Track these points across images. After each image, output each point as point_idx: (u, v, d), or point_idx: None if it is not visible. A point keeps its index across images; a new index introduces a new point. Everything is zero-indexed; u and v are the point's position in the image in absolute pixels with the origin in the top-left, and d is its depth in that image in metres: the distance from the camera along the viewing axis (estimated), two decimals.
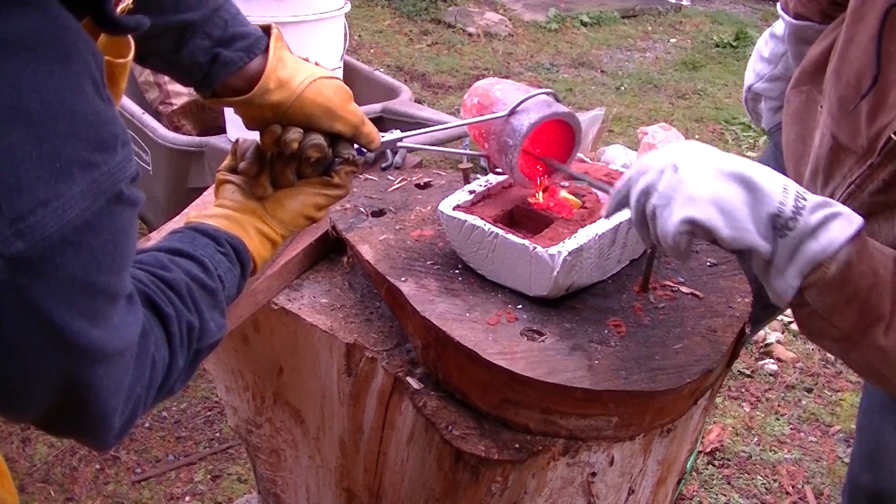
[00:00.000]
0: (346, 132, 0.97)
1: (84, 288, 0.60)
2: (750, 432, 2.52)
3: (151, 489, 2.17)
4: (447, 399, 1.03)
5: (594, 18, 6.46)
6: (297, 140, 0.93)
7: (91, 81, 0.60)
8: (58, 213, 0.56)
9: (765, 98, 1.77)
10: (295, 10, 1.96)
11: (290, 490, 1.43)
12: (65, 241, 0.57)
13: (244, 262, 0.93)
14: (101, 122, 0.60)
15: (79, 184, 0.57)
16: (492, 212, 1.13)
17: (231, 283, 0.90)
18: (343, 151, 0.98)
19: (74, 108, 0.58)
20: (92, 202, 0.58)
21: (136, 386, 0.73)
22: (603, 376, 0.95)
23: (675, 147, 0.88)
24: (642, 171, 0.88)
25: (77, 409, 0.67)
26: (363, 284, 1.22)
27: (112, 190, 0.61)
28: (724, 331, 1.05)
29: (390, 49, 5.57)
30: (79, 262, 0.59)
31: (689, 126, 4.65)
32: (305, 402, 1.24)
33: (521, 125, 1.08)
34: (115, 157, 0.61)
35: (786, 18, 1.53)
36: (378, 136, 1.02)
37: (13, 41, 0.55)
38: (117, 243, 0.63)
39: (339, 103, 0.96)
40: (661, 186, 0.84)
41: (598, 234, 1.06)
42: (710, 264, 1.19)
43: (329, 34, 2.09)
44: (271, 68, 0.91)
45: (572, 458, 1.00)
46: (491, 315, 1.03)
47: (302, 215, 0.99)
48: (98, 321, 0.63)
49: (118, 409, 0.71)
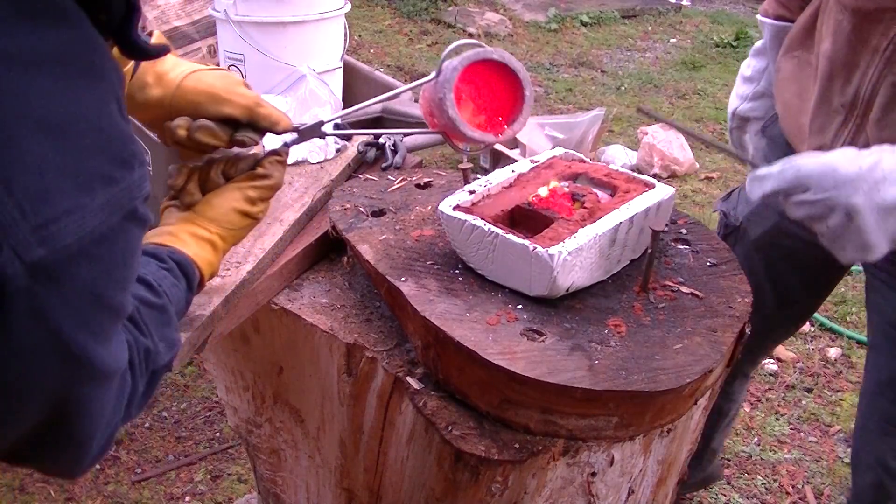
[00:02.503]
0: (240, 115, 0.98)
1: (93, 301, 0.61)
2: (750, 432, 2.52)
3: (151, 489, 2.17)
4: (447, 399, 1.03)
5: (594, 18, 6.45)
6: (183, 126, 0.95)
7: (115, 101, 0.62)
8: (78, 224, 0.57)
9: (751, 121, 1.67)
10: (295, 10, 1.96)
11: (290, 490, 1.43)
12: (82, 252, 0.58)
13: (189, 274, 0.92)
14: (122, 140, 0.62)
15: (99, 197, 0.59)
16: (492, 212, 1.13)
17: (178, 299, 0.89)
18: (243, 136, 0.99)
19: (100, 125, 0.60)
20: (109, 216, 0.60)
21: (115, 415, 0.73)
22: (603, 376, 0.95)
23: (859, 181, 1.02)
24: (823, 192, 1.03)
25: (63, 429, 0.67)
26: (363, 284, 1.22)
27: (128, 206, 0.62)
28: (724, 331, 1.05)
29: (390, 49, 5.57)
30: (92, 275, 0.60)
31: (689, 126, 4.65)
32: (305, 402, 1.24)
33: (447, 73, 1.05)
34: (133, 175, 0.63)
35: (767, 22, 1.55)
36: (282, 116, 1.01)
37: (47, 55, 0.57)
38: (126, 260, 0.64)
39: (223, 87, 0.97)
40: (832, 224, 1.04)
41: (598, 234, 1.06)
42: (710, 264, 1.19)
43: (329, 34, 2.09)
44: (146, 64, 0.93)
45: (572, 458, 1.00)
46: (491, 315, 1.03)
47: (233, 210, 0.98)
48: (100, 339, 0.64)
49: (96, 435, 0.71)
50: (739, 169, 4.16)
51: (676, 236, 1.26)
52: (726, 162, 4.22)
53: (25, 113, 0.55)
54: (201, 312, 1.04)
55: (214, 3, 1.98)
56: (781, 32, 1.52)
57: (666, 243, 1.23)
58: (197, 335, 1.03)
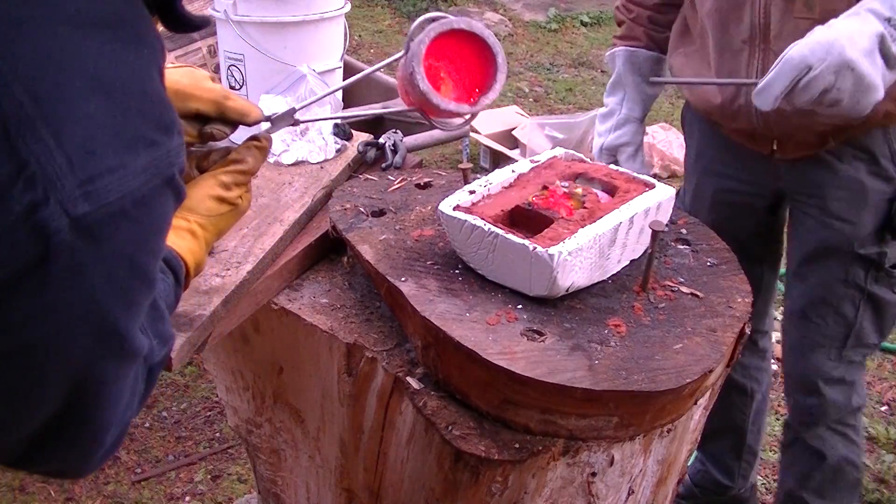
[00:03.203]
0: (209, 110, 0.99)
1: (129, 266, 0.61)
2: None
3: (151, 489, 2.17)
4: (447, 399, 1.03)
5: (594, 18, 6.45)
6: None
7: (157, 68, 0.64)
8: (122, 183, 0.58)
9: (621, 148, 1.76)
10: (295, 10, 1.96)
11: (290, 490, 1.43)
12: (123, 212, 0.58)
13: (175, 268, 0.92)
14: (165, 106, 0.64)
15: (142, 158, 0.60)
16: (492, 212, 1.13)
17: (167, 293, 0.89)
18: (212, 129, 1.00)
19: (145, 89, 0.62)
20: (150, 179, 0.61)
21: (128, 408, 0.72)
22: (603, 376, 0.95)
23: (840, 40, 1.21)
24: (822, 61, 1.20)
25: (80, 414, 0.67)
26: (363, 284, 1.22)
27: (168, 171, 0.63)
28: (724, 331, 1.05)
29: (390, 49, 5.57)
30: (130, 237, 0.60)
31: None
32: (305, 402, 1.24)
33: (415, 48, 1.04)
34: (173, 141, 0.64)
35: (619, 51, 1.75)
36: (252, 107, 1.02)
37: (98, 19, 0.59)
38: (161, 227, 0.65)
39: (187, 83, 0.97)
40: (843, 86, 1.21)
41: (598, 234, 1.06)
42: (710, 264, 1.19)
43: (329, 34, 2.08)
44: None
45: (572, 458, 1.00)
46: (491, 315, 1.03)
47: (208, 196, 0.98)
48: (131, 312, 0.64)
49: (112, 425, 0.70)
50: None
51: (676, 236, 1.26)
52: None
53: (79, 69, 0.56)
54: (201, 312, 1.04)
55: (214, 3, 1.98)
56: (633, 56, 1.74)
57: (666, 243, 1.23)
58: (197, 335, 1.03)
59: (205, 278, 1.08)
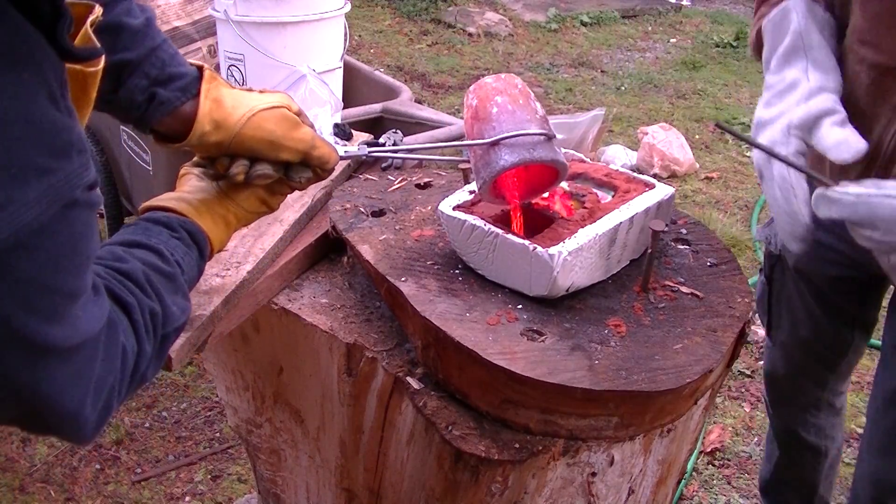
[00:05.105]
0: (294, 160, 1.01)
1: (41, 288, 0.62)
2: (750, 432, 2.52)
3: (151, 489, 2.17)
4: (447, 399, 1.03)
5: (594, 18, 6.46)
6: (241, 173, 0.98)
7: (46, 90, 0.62)
8: (13, 217, 0.57)
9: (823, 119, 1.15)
10: (295, 10, 1.96)
11: (290, 490, 1.43)
12: (19, 245, 0.58)
13: (200, 243, 0.95)
14: (56, 129, 0.62)
15: (34, 189, 0.59)
16: (492, 212, 1.13)
17: (190, 266, 0.93)
18: (295, 176, 1.03)
19: (28, 116, 0.59)
20: (47, 207, 0.60)
21: (107, 376, 0.74)
22: (603, 376, 0.95)
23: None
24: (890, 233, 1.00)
25: (42, 408, 0.68)
26: (363, 284, 1.22)
27: (68, 196, 0.62)
28: (724, 331, 1.05)
29: (390, 49, 5.57)
30: (34, 265, 0.60)
31: (689, 126, 4.65)
32: (305, 402, 1.24)
33: (496, 163, 1.03)
34: (72, 164, 0.63)
35: (793, 2, 1.24)
36: (333, 154, 1.04)
37: None
38: (75, 245, 0.65)
39: (281, 134, 0.98)
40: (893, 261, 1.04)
41: (598, 234, 1.06)
42: (710, 264, 1.19)
43: (329, 34, 2.08)
44: (203, 112, 0.94)
45: (572, 458, 1.00)
46: (491, 315, 1.03)
47: (255, 196, 1.02)
48: (57, 319, 0.64)
49: (86, 400, 0.71)
50: (739, 170, 4.16)
51: (676, 236, 1.26)
52: (726, 162, 4.22)
53: None
54: (201, 312, 1.04)
55: (214, 3, 1.98)
56: (815, 8, 1.24)
57: (666, 243, 1.23)
58: (197, 335, 1.03)
59: (205, 278, 1.08)
